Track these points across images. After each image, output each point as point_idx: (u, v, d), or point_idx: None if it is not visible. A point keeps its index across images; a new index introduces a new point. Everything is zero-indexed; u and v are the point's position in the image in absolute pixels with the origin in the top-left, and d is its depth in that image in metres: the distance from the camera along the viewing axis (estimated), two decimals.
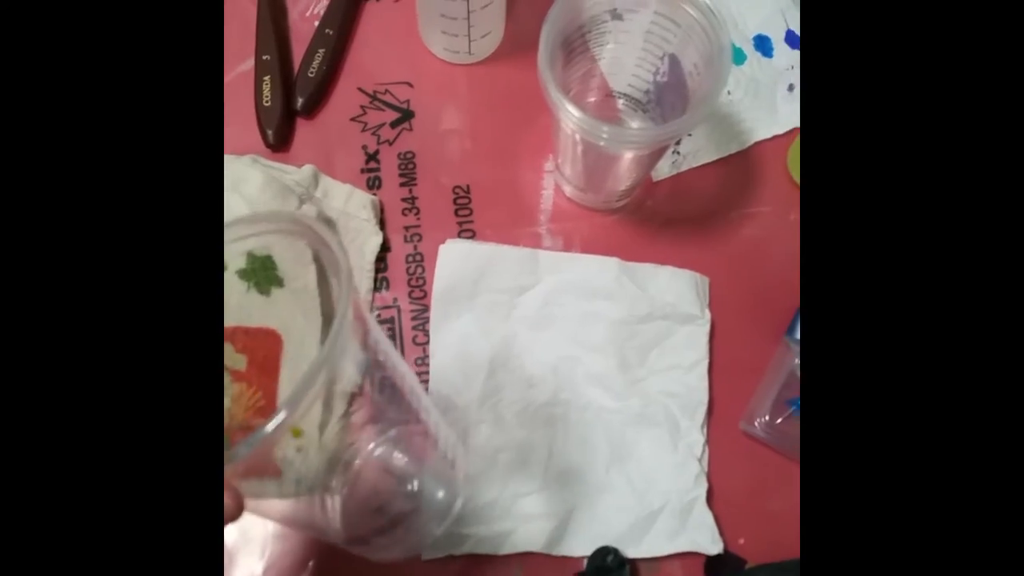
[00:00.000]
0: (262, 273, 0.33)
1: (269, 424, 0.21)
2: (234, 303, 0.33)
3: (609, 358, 0.42)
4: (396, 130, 0.48)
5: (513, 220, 0.46)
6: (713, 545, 0.39)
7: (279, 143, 0.47)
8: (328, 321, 0.35)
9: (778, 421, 0.42)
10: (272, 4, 0.49)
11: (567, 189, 0.46)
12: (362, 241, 0.45)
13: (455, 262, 0.44)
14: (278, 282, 0.33)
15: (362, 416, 0.30)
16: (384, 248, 0.45)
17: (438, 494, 0.32)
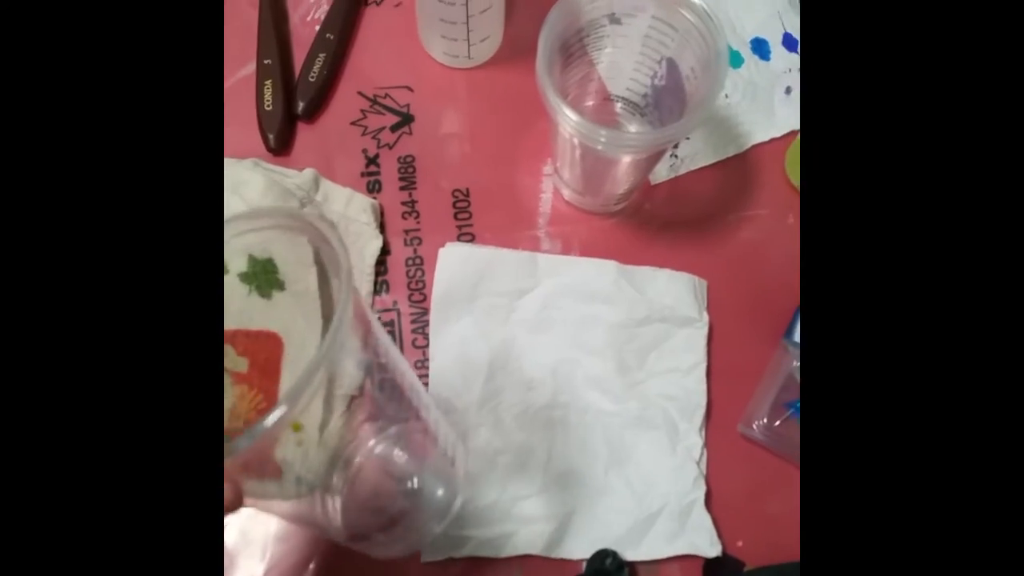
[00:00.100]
0: (263, 276, 0.33)
1: (269, 417, 0.21)
2: (235, 306, 0.33)
3: (608, 361, 0.43)
4: (396, 134, 0.48)
5: (512, 223, 0.46)
6: (712, 547, 0.40)
7: (280, 147, 0.47)
8: (329, 324, 0.35)
9: (776, 424, 0.42)
10: (273, 9, 0.50)
11: (565, 193, 0.47)
12: (362, 244, 0.45)
13: (454, 265, 0.44)
14: (279, 285, 0.33)
15: (362, 413, 0.30)
16: (384, 251, 0.45)
17: (438, 492, 0.32)
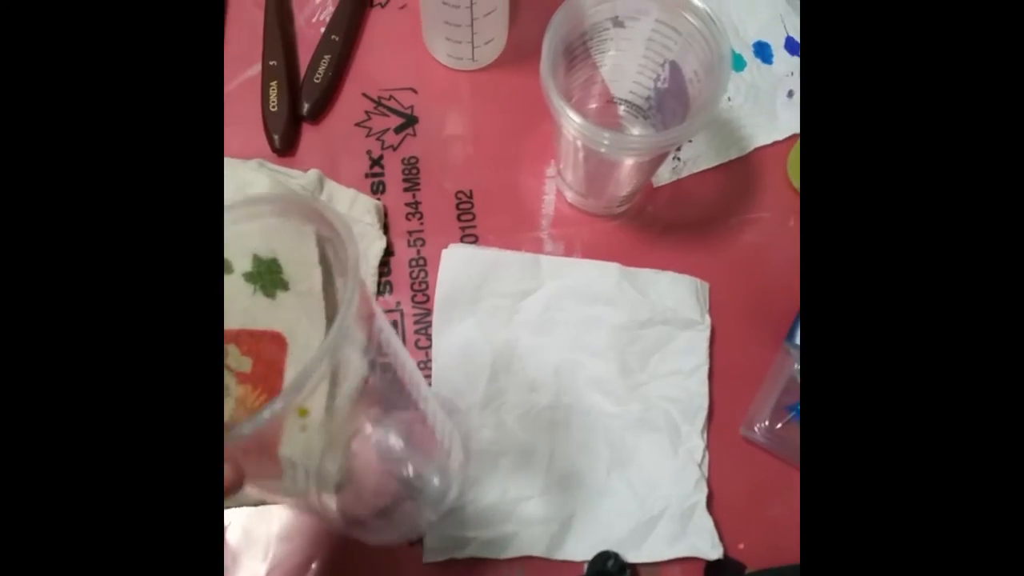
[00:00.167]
0: (268, 276, 0.33)
1: (279, 400, 0.21)
2: (240, 306, 0.33)
3: (610, 363, 0.43)
4: (400, 135, 0.48)
5: (515, 225, 0.46)
6: (713, 550, 0.40)
7: (285, 148, 0.47)
8: (333, 322, 0.35)
9: (778, 426, 0.42)
10: (279, 10, 0.50)
11: (568, 194, 0.47)
12: (366, 245, 0.45)
13: (458, 267, 0.44)
14: (283, 285, 0.33)
15: (362, 401, 0.30)
16: (387, 252, 0.45)
17: (434, 480, 0.32)
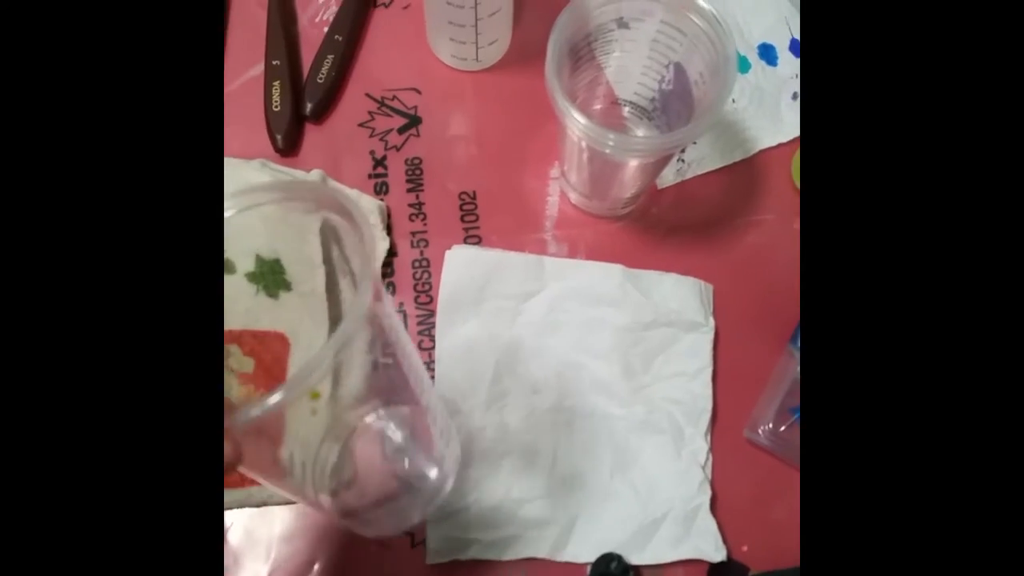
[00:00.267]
0: (271, 277, 0.33)
1: (284, 388, 0.21)
2: (242, 307, 0.33)
3: (614, 365, 0.42)
4: (403, 136, 0.48)
5: (519, 226, 0.46)
6: (716, 552, 0.39)
7: (288, 148, 0.47)
8: (336, 326, 0.35)
9: (782, 429, 0.42)
10: (282, 10, 0.50)
11: (572, 196, 0.47)
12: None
13: (461, 268, 0.44)
14: (286, 286, 0.33)
15: (366, 393, 0.30)
16: (391, 253, 0.45)
17: (429, 474, 0.32)
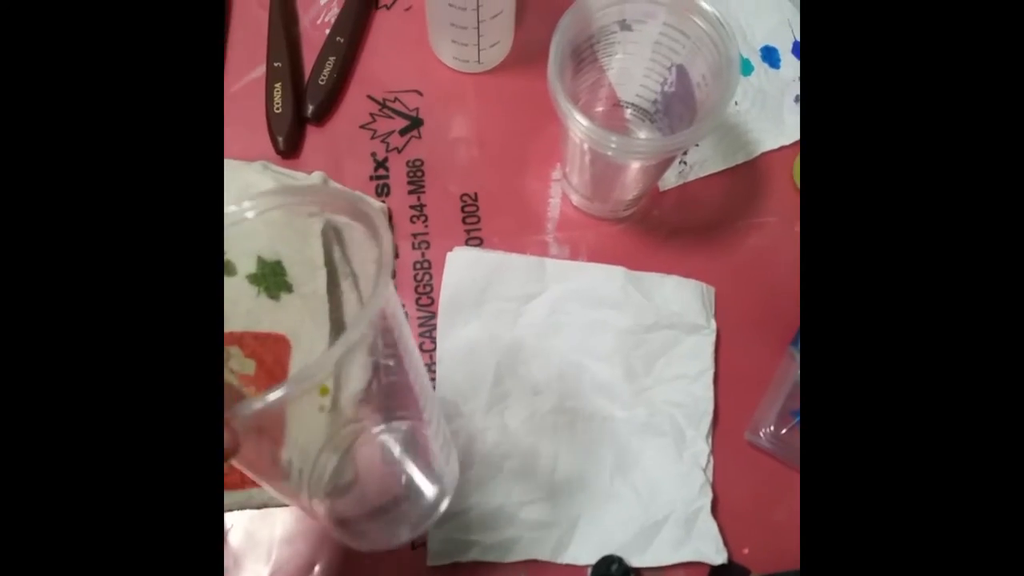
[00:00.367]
0: (272, 278, 0.33)
1: (288, 384, 0.21)
2: (243, 308, 0.33)
3: (615, 367, 0.42)
4: (405, 138, 0.48)
5: (520, 228, 0.46)
6: (717, 555, 0.39)
7: (289, 150, 0.47)
8: (337, 327, 0.35)
9: (783, 431, 0.42)
10: (283, 12, 0.50)
11: (574, 198, 0.47)
12: (369, 247, 0.45)
13: (462, 270, 0.44)
14: (287, 287, 0.33)
15: (367, 401, 0.30)
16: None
17: (427, 491, 0.32)
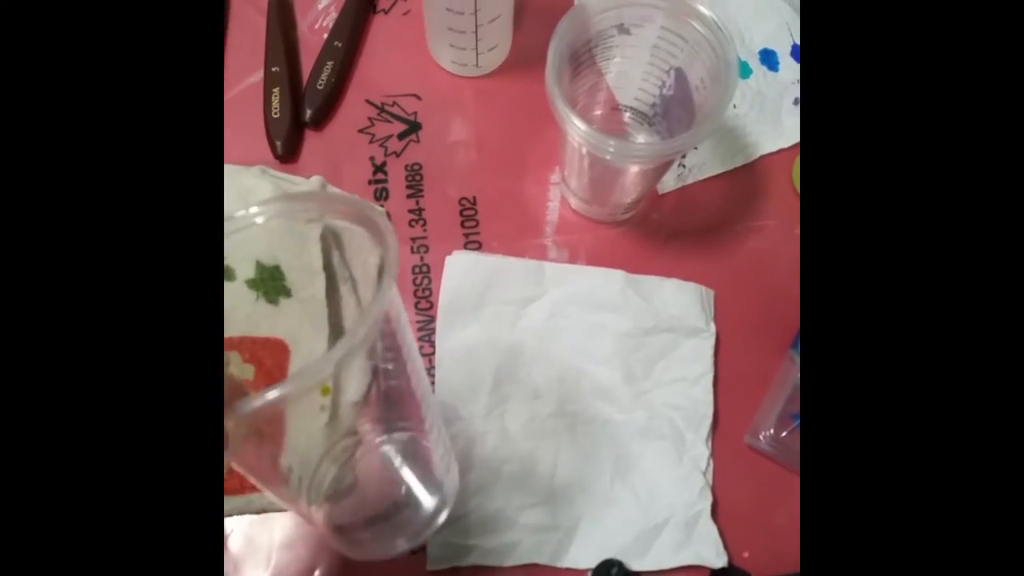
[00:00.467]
0: (270, 283, 0.33)
1: (288, 383, 0.20)
2: (242, 313, 0.33)
3: (614, 370, 0.42)
4: (403, 142, 0.48)
5: (519, 232, 0.46)
6: (717, 558, 0.39)
7: (287, 154, 0.47)
8: (336, 332, 0.35)
9: (783, 434, 0.42)
10: (281, 16, 0.50)
11: (573, 201, 0.47)
12: (368, 252, 0.45)
13: (461, 273, 0.44)
14: (286, 292, 0.33)
15: (369, 404, 0.30)
16: None
17: (427, 500, 0.32)
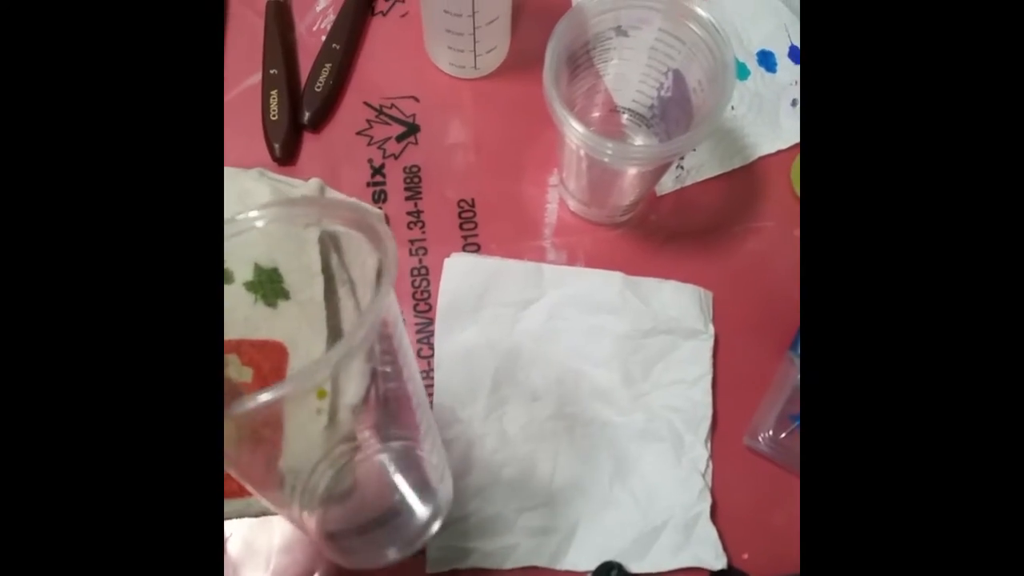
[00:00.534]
0: (269, 286, 0.33)
1: (285, 384, 0.20)
2: (240, 316, 0.34)
3: (613, 372, 0.42)
4: (402, 144, 0.48)
5: (518, 234, 0.46)
6: (717, 560, 0.39)
7: (286, 157, 0.47)
8: (334, 334, 0.35)
9: (782, 436, 0.42)
10: (279, 19, 0.50)
11: (571, 203, 0.47)
12: (366, 254, 0.45)
13: (460, 276, 0.44)
14: (284, 294, 0.33)
15: (366, 408, 0.30)
16: None
17: (420, 509, 0.32)
